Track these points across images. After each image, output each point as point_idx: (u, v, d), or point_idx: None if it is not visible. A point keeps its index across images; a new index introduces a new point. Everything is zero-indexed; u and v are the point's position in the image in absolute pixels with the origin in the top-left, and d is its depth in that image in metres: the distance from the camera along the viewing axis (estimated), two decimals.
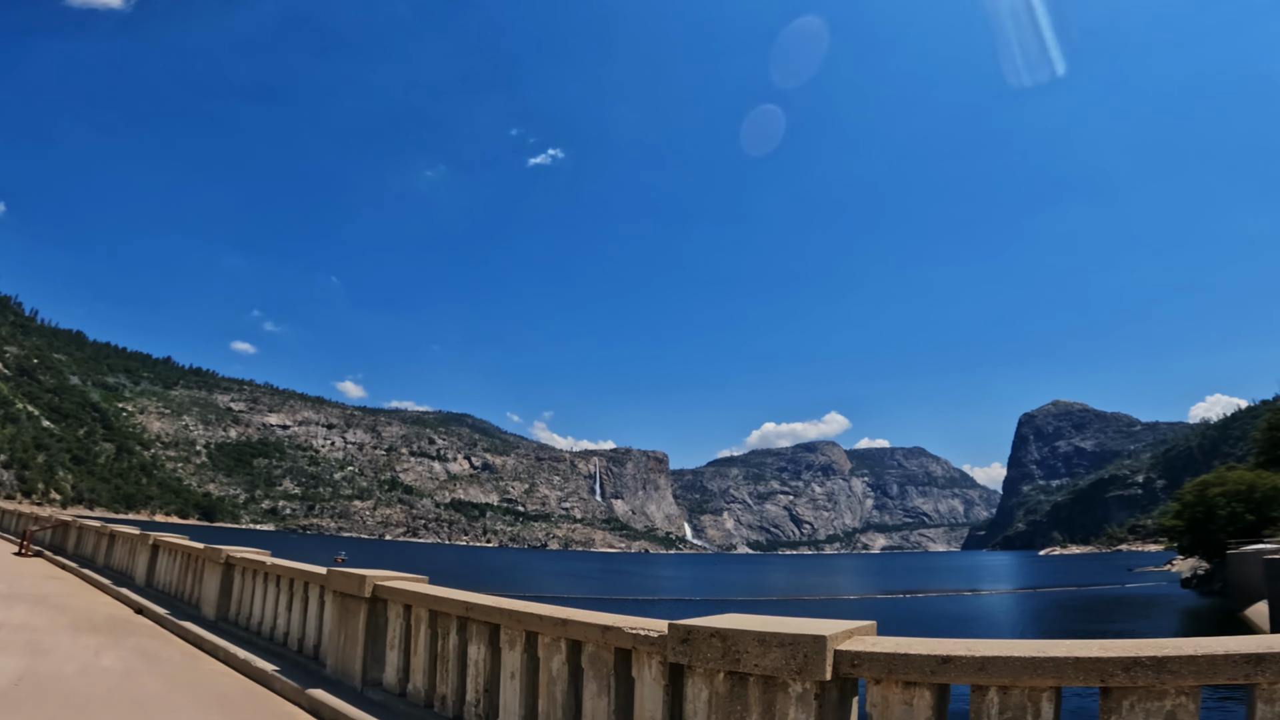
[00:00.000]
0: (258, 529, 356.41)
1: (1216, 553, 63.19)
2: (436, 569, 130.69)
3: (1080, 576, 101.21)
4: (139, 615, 14.11)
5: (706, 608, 50.21)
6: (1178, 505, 68.24)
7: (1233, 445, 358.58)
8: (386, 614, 8.04)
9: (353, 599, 8.31)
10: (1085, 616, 54.33)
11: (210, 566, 13.21)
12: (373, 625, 8.11)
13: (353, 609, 8.32)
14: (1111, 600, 66.15)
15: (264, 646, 10.53)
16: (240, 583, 12.33)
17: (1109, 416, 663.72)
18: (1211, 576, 63.65)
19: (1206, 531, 64.09)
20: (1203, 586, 65.12)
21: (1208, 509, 63.11)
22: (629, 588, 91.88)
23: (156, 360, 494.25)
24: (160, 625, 13.05)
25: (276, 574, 10.94)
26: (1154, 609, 57.87)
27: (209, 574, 13.18)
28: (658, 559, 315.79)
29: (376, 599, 8.10)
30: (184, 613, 13.38)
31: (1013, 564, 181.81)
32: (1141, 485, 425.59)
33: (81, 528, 25.36)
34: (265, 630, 11.03)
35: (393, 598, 7.90)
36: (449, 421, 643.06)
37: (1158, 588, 77.76)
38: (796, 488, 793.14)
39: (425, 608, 7.37)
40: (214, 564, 13.03)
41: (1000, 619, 54.83)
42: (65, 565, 21.88)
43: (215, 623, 12.39)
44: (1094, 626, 47.85)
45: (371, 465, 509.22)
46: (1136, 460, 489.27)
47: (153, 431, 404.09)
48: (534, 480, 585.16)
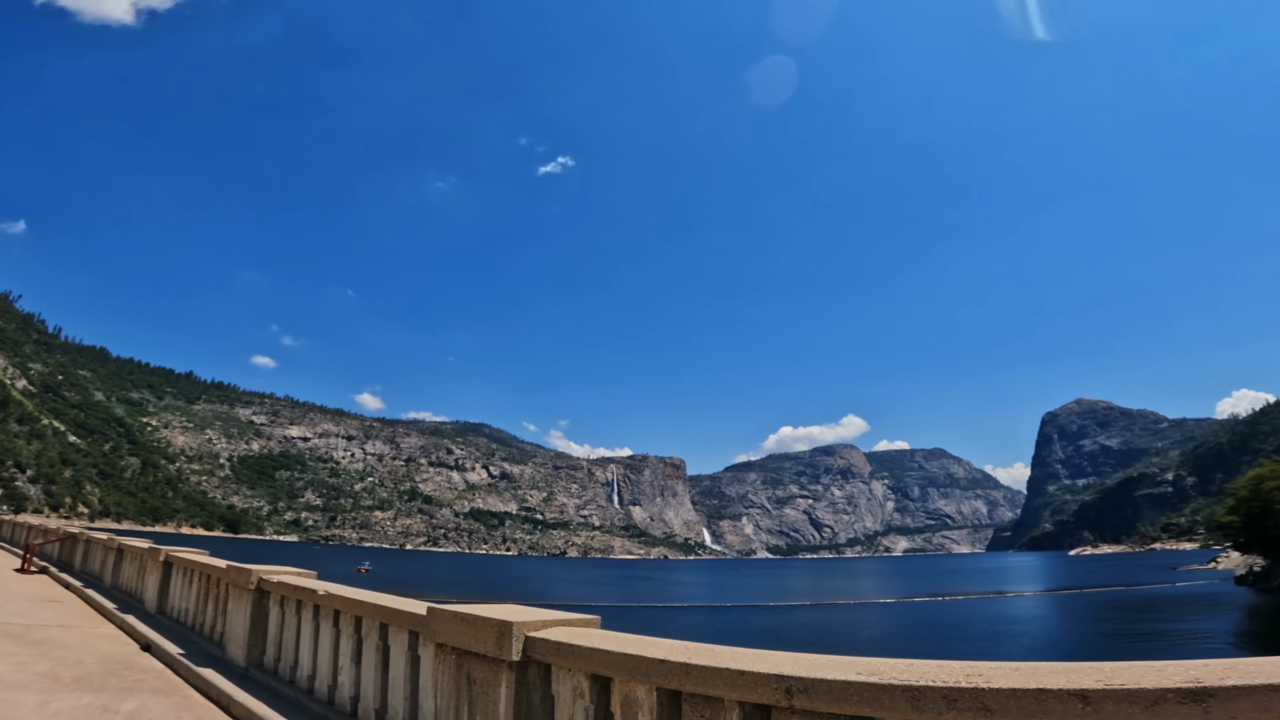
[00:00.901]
0: (282, 540, 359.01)
1: (1275, 549, 60.60)
2: (476, 579, 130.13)
3: (1124, 576, 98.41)
4: (145, 653, 11.04)
5: (726, 614, 48.28)
6: (1232, 501, 65.55)
7: (1263, 440, 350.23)
8: None
9: (482, 661, 5.08)
10: (1144, 617, 52.33)
11: (236, 593, 9.96)
12: None
13: (483, 677, 5.11)
14: (1170, 600, 63.77)
15: (319, 714, 7.33)
16: (279, 616, 8.99)
17: (1134, 414, 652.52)
18: (1270, 573, 61.12)
19: (1264, 527, 61.31)
20: (1260, 584, 62.58)
21: (1264, 504, 60.44)
22: (653, 595, 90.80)
23: (179, 375, 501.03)
24: (172, 670, 9.84)
25: (334, 608, 7.59)
26: (1216, 607, 55.58)
27: (235, 603, 10.00)
28: (677, 565, 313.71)
29: (531, 660, 4.81)
30: (204, 654, 10.24)
31: (1046, 565, 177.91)
32: (1171, 483, 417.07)
33: (89, 541, 22.80)
34: (321, 689, 7.70)
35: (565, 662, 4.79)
36: (466, 432, 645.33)
37: (1210, 586, 75.20)
38: (815, 491, 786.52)
39: None
40: (241, 590, 9.72)
41: (1053, 622, 52.88)
42: (70, 584, 19.56)
43: (246, 671, 9.13)
44: (1159, 627, 45.91)
45: (391, 476, 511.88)
46: (1165, 458, 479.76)
47: (177, 445, 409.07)
48: (552, 488, 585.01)
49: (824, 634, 51.59)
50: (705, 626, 56.66)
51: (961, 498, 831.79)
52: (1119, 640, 41.49)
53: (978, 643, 44.47)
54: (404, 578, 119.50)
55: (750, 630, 53.10)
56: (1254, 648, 37.77)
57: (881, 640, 47.42)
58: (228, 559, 11.67)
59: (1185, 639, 41.17)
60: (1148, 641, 39.60)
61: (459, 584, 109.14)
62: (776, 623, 58.02)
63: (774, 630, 53.40)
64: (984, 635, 46.75)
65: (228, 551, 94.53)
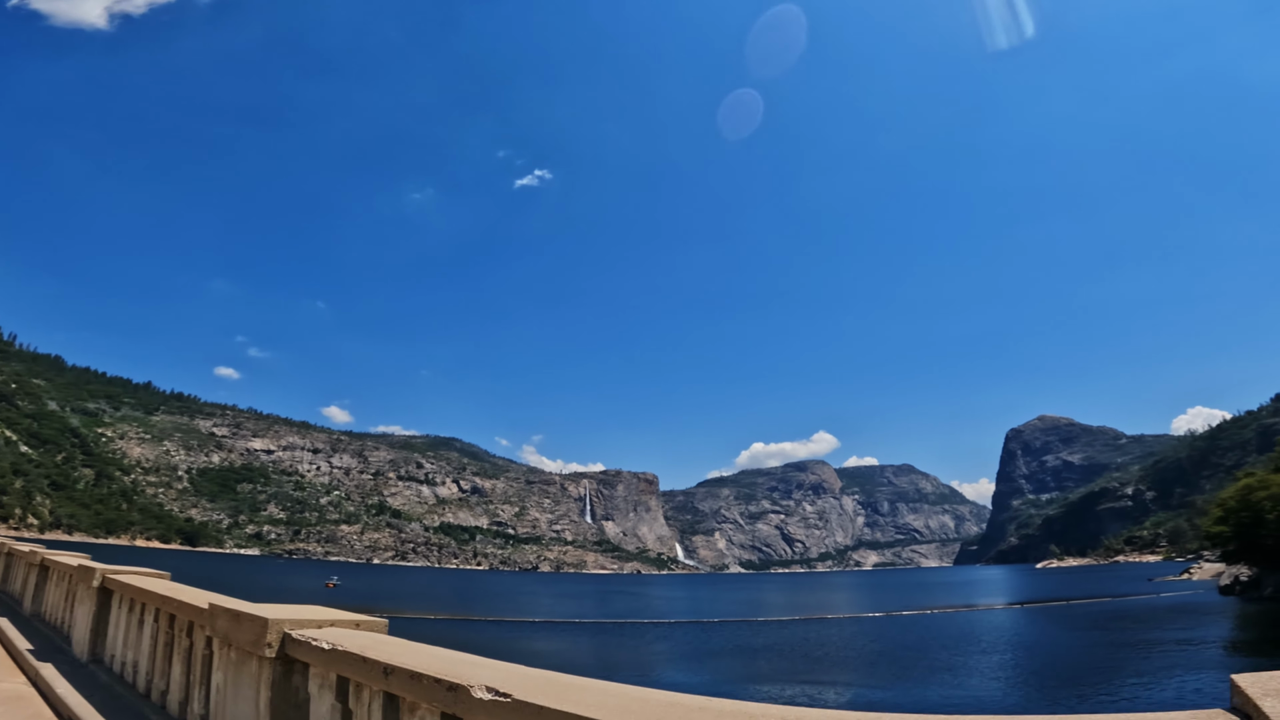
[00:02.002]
0: (242, 554, 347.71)
1: (1266, 558, 61.24)
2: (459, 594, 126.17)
3: (1105, 587, 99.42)
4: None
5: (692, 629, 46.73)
6: (1220, 511, 66.21)
7: (1222, 455, 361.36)
8: None
9: (248, 656, 5.36)
10: (1146, 626, 52.08)
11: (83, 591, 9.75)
12: None
13: (249, 671, 5.39)
14: (1163, 609, 63.93)
15: (138, 708, 7.67)
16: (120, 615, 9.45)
17: (1095, 430, 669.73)
18: (1259, 582, 61.82)
19: (1255, 537, 61.81)
20: (1248, 593, 63.27)
21: (1255, 514, 61.03)
22: (635, 611, 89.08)
23: (137, 385, 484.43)
24: None
25: (152, 604, 8.02)
26: (1210, 616, 55.84)
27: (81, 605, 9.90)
28: (651, 580, 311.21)
29: (288, 658, 5.19)
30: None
31: (1021, 578, 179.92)
32: (1132, 498, 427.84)
33: (10, 554, 18.81)
34: (141, 684, 8.15)
35: None
36: (437, 446, 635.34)
37: (1195, 596, 76.13)
38: (788, 507, 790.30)
39: None
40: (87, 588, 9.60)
41: (1062, 633, 52.39)
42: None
43: None
44: (1164, 635, 45.75)
45: (359, 490, 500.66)
46: (1126, 473, 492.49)
47: (133, 457, 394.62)
48: (524, 503, 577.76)
49: (832, 649, 50.64)
50: (697, 643, 55.39)
51: (930, 512, 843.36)
52: (1134, 650, 41.24)
53: (994, 654, 43.92)
54: (373, 592, 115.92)
55: (736, 647, 51.96)
56: (1271, 653, 37.89)
57: (919, 655, 46.66)
58: (185, 573, 10.84)
59: (1195, 646, 41.12)
60: (1164, 650, 39.45)
61: (430, 598, 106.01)
62: (773, 639, 56.93)
63: (774, 647, 52.35)
64: (998, 648, 46.23)
65: (185, 565, 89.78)
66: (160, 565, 12.57)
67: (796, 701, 29.61)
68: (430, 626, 57.95)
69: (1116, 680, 30.82)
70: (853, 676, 35.63)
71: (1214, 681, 28.59)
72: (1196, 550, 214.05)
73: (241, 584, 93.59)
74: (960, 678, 33.67)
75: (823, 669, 38.68)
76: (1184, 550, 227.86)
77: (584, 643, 52.39)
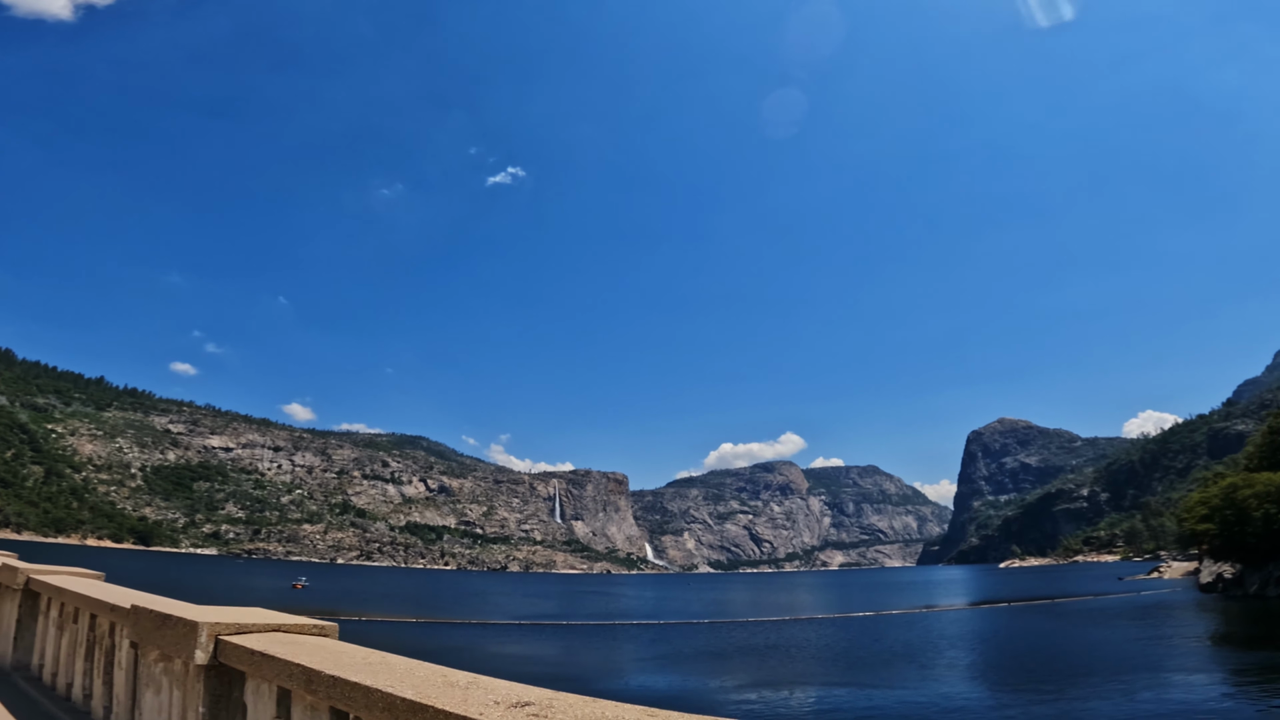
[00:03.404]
0: (199, 554, 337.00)
1: (1249, 555, 62.61)
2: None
3: (1079, 586, 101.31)
4: None
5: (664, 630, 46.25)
6: (1204, 509, 67.53)
7: (1173, 458, 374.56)
8: None
9: (174, 663, 5.31)
10: (1141, 623, 52.63)
11: None
12: None
13: (179, 678, 5.23)
14: (1150, 607, 64.91)
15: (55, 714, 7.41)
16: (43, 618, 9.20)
17: (1051, 433, 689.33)
18: (1242, 579, 63.29)
19: (1241, 535, 62.93)
20: (1231, 590, 64.73)
21: (1240, 512, 62.25)
22: (605, 613, 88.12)
23: (89, 380, 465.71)
24: None
25: (75, 605, 7.73)
26: (1197, 612, 56.95)
27: None
28: (621, 580, 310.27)
29: (222, 665, 4.96)
30: None
31: (989, 578, 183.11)
32: (1087, 499, 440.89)
33: None
34: (62, 689, 7.90)
35: None
36: (403, 444, 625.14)
37: (1175, 594, 77.95)
38: (756, 507, 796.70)
39: None
40: None
41: (1059, 630, 52.56)
42: None
43: None
44: (1160, 632, 46.49)
45: (322, 489, 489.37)
46: (1080, 475, 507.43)
47: (84, 454, 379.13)
48: (492, 503, 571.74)
49: (845, 650, 50.36)
50: (670, 645, 54.79)
51: (894, 513, 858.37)
52: (1150, 644, 41.67)
53: (1030, 652, 44.14)
54: (341, 593, 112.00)
55: (718, 649, 51.51)
56: (1268, 648, 38.75)
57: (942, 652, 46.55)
58: (136, 574, 9.86)
59: (1194, 640, 41.86)
60: (1166, 644, 40.14)
61: (400, 600, 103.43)
62: (763, 640, 56.51)
63: (758, 648, 51.97)
64: (1024, 645, 46.41)
65: (137, 566, 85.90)
66: (112, 565, 11.11)
67: (795, 706, 29.21)
68: (401, 630, 56.43)
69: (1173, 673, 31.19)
70: (881, 676, 35.32)
71: None
72: (1153, 550, 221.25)
73: (197, 585, 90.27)
74: (1011, 677, 33.57)
75: (844, 668, 38.33)
76: (1140, 550, 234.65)
77: (554, 645, 51.45)
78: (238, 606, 5.32)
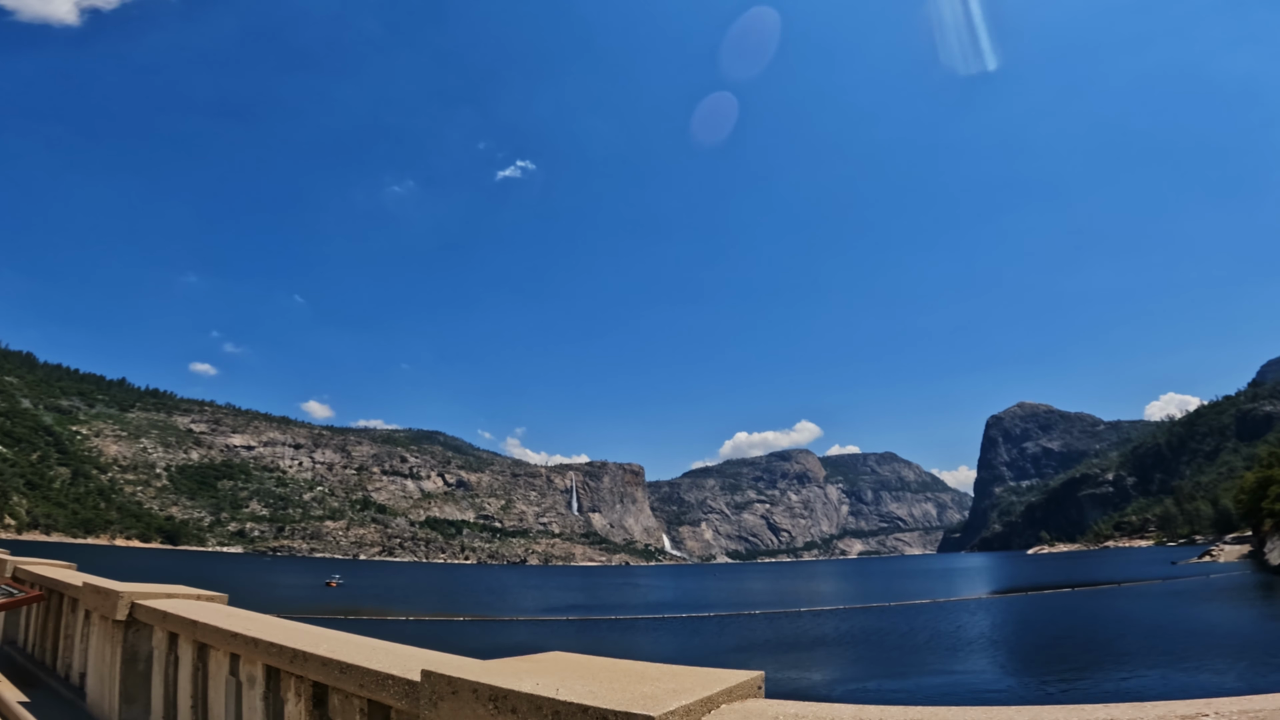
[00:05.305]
0: (226, 552, 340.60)
1: None
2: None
3: (1140, 571, 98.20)
4: None
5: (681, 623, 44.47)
6: (1279, 489, 65.40)
7: (1200, 441, 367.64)
8: None
9: (108, 623, 7.94)
10: (1247, 604, 50.96)
11: None
12: None
13: (111, 634, 7.83)
14: (1245, 587, 63.35)
15: None
16: None
17: (1073, 417, 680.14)
18: None
19: None
20: None
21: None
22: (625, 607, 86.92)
23: (111, 382, 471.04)
24: None
25: None
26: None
27: None
28: (640, 571, 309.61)
29: (136, 621, 7.70)
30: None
31: (1028, 565, 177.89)
32: (1112, 483, 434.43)
33: None
34: None
35: None
36: (420, 440, 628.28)
37: (1245, 576, 76.49)
38: (773, 496, 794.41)
39: None
40: None
41: (1199, 613, 50.59)
42: None
43: None
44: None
45: (342, 485, 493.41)
46: (1105, 459, 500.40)
47: (109, 455, 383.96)
48: (510, 496, 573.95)
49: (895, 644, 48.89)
50: (701, 636, 53.56)
51: (913, 500, 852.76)
52: None
53: (1176, 635, 42.49)
54: (381, 589, 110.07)
55: (751, 643, 50.12)
56: None
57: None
58: (173, 573, 10.47)
59: None
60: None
61: (438, 594, 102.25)
62: (790, 632, 55.09)
63: (791, 641, 50.58)
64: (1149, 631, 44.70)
65: (170, 565, 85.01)
66: (144, 565, 13.17)
67: None
68: (459, 630, 55.11)
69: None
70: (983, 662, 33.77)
71: None
72: (1188, 535, 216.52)
73: (238, 584, 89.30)
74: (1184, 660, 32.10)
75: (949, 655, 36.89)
76: (1174, 535, 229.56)
77: (632, 637, 50.19)
78: (151, 584, 7.68)
